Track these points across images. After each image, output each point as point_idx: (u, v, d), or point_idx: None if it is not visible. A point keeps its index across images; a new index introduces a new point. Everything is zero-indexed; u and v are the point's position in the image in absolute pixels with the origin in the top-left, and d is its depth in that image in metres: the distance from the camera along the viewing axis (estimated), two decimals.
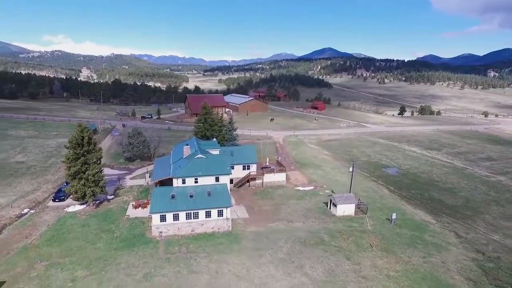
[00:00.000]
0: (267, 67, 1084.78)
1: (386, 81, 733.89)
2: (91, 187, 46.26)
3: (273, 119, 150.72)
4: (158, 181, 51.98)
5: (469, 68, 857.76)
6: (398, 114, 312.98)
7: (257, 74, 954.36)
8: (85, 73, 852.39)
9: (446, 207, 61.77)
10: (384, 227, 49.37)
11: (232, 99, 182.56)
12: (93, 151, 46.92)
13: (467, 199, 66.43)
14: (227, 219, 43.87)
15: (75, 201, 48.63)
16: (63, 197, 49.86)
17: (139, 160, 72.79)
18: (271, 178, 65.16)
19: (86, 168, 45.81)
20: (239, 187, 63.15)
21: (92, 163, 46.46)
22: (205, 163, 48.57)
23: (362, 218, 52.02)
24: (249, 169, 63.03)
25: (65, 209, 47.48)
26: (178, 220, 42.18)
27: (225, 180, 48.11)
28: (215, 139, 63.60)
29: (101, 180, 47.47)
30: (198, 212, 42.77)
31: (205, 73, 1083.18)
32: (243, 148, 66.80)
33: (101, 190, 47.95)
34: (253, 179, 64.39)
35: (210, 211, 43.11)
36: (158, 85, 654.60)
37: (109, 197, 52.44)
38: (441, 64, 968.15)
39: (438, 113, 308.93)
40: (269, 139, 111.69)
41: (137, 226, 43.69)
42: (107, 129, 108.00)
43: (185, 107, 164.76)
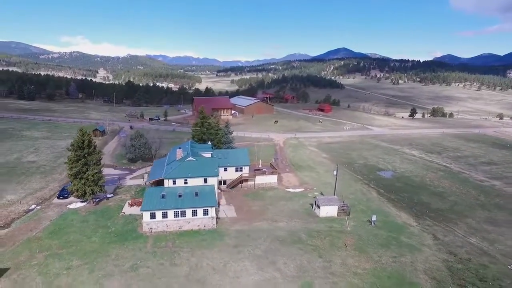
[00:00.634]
0: (280, 68, 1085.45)
1: (400, 82, 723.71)
2: (91, 186, 50.76)
3: (277, 121, 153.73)
4: (154, 181, 56.14)
5: (488, 68, 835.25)
6: (409, 116, 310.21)
7: (270, 74, 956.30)
8: (101, 74, 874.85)
9: (431, 210, 63.58)
10: (363, 228, 51.94)
11: (238, 101, 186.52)
12: (93, 153, 51.42)
13: (455, 203, 67.94)
14: (212, 217, 47.48)
15: (77, 198, 53.25)
16: (67, 195, 54.61)
17: (141, 161, 77.35)
18: (263, 180, 68.47)
19: (86, 168, 50.33)
20: (231, 188, 66.75)
21: (92, 164, 50.94)
22: (195, 166, 52.37)
23: (344, 219, 54.71)
24: (241, 171, 66.57)
25: (68, 206, 52.19)
26: (166, 217, 46.08)
27: (213, 181, 51.76)
28: (210, 142, 67.44)
29: (100, 179, 51.92)
30: (185, 210, 46.56)
31: (218, 74, 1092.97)
32: (236, 151, 70.39)
33: (100, 189, 52.43)
34: (246, 180, 67.86)
35: (196, 210, 46.82)
36: (171, 85, 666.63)
37: (108, 196, 56.95)
38: (458, 64, 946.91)
39: (450, 115, 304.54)
40: (270, 141, 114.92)
41: (130, 222, 47.84)
42: (115, 130, 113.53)
43: (192, 109, 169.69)
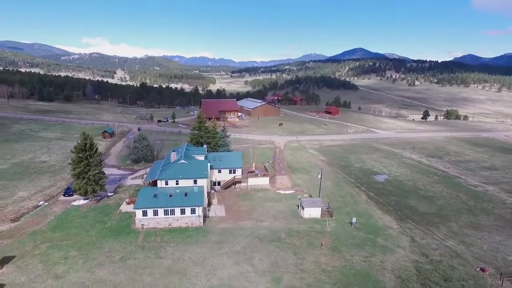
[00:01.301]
0: (294, 68, 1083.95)
1: (416, 83, 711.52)
2: (92, 185, 55.85)
3: (282, 124, 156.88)
4: (151, 181, 60.82)
5: (511, 68, 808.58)
6: (421, 118, 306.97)
7: (284, 75, 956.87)
8: (119, 74, 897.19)
9: (416, 214, 65.59)
10: (343, 230, 54.89)
11: (246, 104, 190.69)
12: (94, 155, 56.48)
13: (442, 207, 69.60)
14: (199, 216, 51.61)
15: (80, 196, 58.48)
16: (71, 193, 59.97)
17: (143, 162, 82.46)
18: (255, 181, 72.19)
19: (88, 169, 55.43)
20: (225, 188, 70.79)
21: (93, 165, 55.99)
22: (186, 168, 56.67)
23: (325, 219, 57.73)
24: (235, 173, 70.55)
25: (72, 203, 57.50)
26: (157, 215, 50.53)
27: (202, 182, 55.89)
28: (205, 145, 71.71)
29: (100, 179, 56.95)
30: (174, 209, 50.86)
31: (233, 75, 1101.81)
32: (230, 154, 74.42)
33: (100, 188, 57.45)
34: (239, 182, 71.77)
35: (184, 209, 51.06)
36: (186, 86, 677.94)
37: (109, 194, 62.04)
38: (479, 65, 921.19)
39: (464, 117, 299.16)
40: (271, 144, 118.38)
41: (125, 219, 52.56)
42: (124, 132, 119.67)
43: (201, 111, 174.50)
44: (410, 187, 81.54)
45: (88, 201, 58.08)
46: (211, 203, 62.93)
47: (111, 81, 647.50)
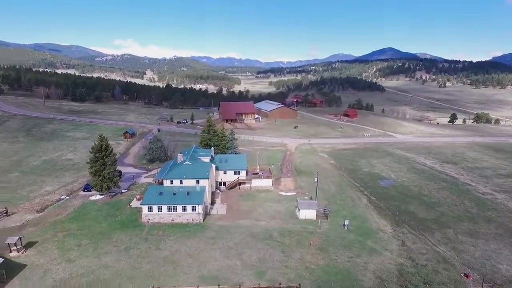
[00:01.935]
0: (320, 69, 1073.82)
1: (448, 84, 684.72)
2: (107, 182, 62.13)
3: (297, 127, 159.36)
4: (160, 180, 66.34)
5: None
6: (448, 121, 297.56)
7: (309, 76, 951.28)
8: (148, 75, 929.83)
9: (414, 219, 66.70)
10: (334, 231, 57.55)
11: (263, 106, 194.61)
12: (109, 156, 62.70)
13: (442, 213, 70.10)
14: (199, 213, 56.28)
15: (97, 192, 65.02)
16: (90, 189, 66.70)
17: (158, 162, 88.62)
18: (258, 183, 76.06)
19: (103, 168, 61.73)
20: (230, 189, 75.24)
21: (108, 164, 62.23)
22: (190, 169, 61.59)
23: (321, 222, 60.57)
24: (239, 174, 74.86)
25: (89, 198, 64.14)
26: (161, 211, 55.70)
27: (204, 183, 60.51)
28: (212, 148, 76.52)
29: (114, 177, 63.14)
30: (177, 206, 55.83)
31: (258, 75, 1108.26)
32: (235, 156, 78.77)
33: (114, 185, 63.69)
34: (243, 183, 75.95)
35: (186, 206, 55.90)
36: (211, 86, 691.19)
37: (123, 191, 68.29)
38: None
39: (496, 121, 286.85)
40: (283, 147, 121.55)
41: (134, 214, 58.21)
42: (144, 132, 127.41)
43: (219, 113, 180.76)
44: (414, 192, 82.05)
45: (103, 196, 64.51)
46: (214, 202, 67.63)
47: (140, 81, 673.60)
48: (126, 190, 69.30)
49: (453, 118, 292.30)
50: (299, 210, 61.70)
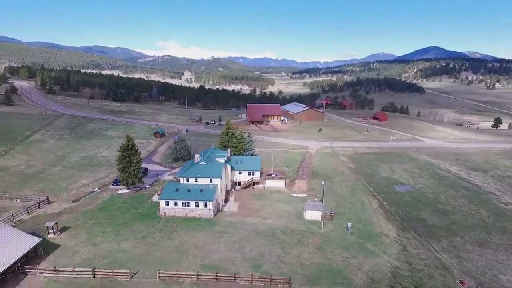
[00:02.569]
0: (357, 69, 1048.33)
1: (497, 85, 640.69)
2: (132, 178, 69.55)
3: (321, 129, 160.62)
4: (179, 178, 72.66)
5: None
6: (491, 126, 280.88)
7: (345, 76, 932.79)
8: (186, 76, 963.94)
9: (423, 225, 67.08)
10: (336, 233, 60.10)
11: (290, 108, 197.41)
12: (135, 154, 70.07)
13: (455, 221, 69.56)
14: (210, 209, 61.57)
15: (124, 186, 72.80)
16: (118, 183, 74.70)
17: (182, 161, 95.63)
18: (271, 183, 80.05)
19: (129, 165, 69.18)
20: (244, 188, 79.99)
21: (133, 162, 69.61)
22: (204, 169, 67.14)
23: (325, 223, 63.38)
24: (253, 175, 79.41)
25: (117, 191, 72.04)
26: (177, 206, 61.69)
27: (216, 182, 65.72)
28: (229, 149, 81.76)
29: (139, 174, 70.44)
30: (190, 202, 61.53)
31: (293, 76, 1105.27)
32: (251, 157, 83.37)
33: (138, 180, 71.01)
34: (257, 183, 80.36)
35: (198, 202, 61.44)
36: (245, 87, 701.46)
37: (147, 186, 75.60)
38: None
39: None
40: (304, 149, 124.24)
41: (154, 207, 64.84)
42: (173, 133, 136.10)
43: (246, 115, 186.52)
44: (429, 199, 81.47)
45: (129, 190, 72.13)
46: (228, 200, 72.80)
47: (178, 82, 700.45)
48: (149, 185, 76.58)
49: (497, 122, 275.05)
50: (305, 211, 64.91)
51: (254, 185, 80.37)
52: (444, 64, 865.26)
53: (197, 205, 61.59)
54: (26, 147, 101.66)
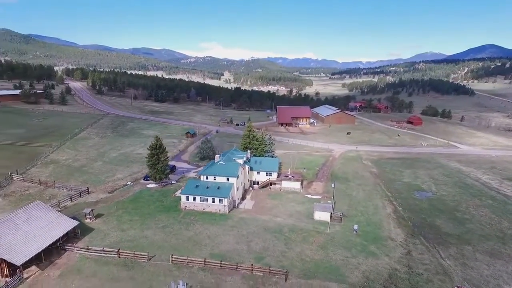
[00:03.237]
0: (401, 70, 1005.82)
1: None
2: (159, 174, 77.46)
3: (350, 133, 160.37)
4: (200, 175, 79.39)
5: None
6: None
7: (387, 77, 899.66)
8: (225, 77, 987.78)
9: (435, 233, 67.16)
10: (342, 234, 62.85)
11: (321, 111, 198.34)
12: (162, 153, 77.88)
13: (470, 230, 68.75)
14: (224, 205, 67.31)
15: (153, 181, 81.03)
16: (148, 178, 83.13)
17: (207, 160, 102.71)
18: (288, 184, 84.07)
19: (157, 162, 77.13)
20: (262, 188, 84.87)
21: (161, 160, 77.47)
22: (222, 168, 73.05)
23: (333, 224, 66.34)
24: (271, 175, 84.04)
25: (147, 185, 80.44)
26: (195, 201, 68.21)
27: (232, 180, 71.29)
28: (248, 150, 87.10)
29: (165, 170, 78.20)
30: (207, 198, 67.72)
31: (332, 77, 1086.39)
32: (269, 159, 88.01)
33: (165, 176, 78.78)
34: (274, 183, 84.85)
35: (215, 199, 67.47)
36: (282, 88, 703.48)
37: (173, 182, 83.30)
38: None
39: None
40: (328, 152, 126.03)
41: (176, 201, 71.98)
42: (204, 133, 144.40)
43: (276, 117, 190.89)
44: (448, 207, 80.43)
45: (157, 185, 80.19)
46: (245, 198, 78.17)
47: (217, 83, 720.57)
48: (175, 181, 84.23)
49: None
50: (315, 211, 68.30)
51: (271, 185, 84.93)
52: (499, 64, 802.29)
53: (213, 201, 67.63)
54: (74, 143, 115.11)
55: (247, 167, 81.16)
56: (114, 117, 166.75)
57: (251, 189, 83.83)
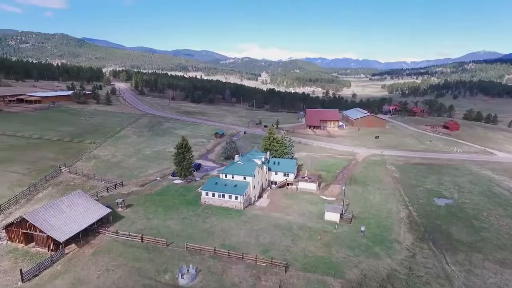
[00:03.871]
0: (448, 70, 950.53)
1: None
2: (184, 171, 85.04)
3: (378, 137, 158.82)
4: (220, 174, 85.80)
5: None
6: None
7: (432, 78, 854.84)
8: (262, 77, 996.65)
9: (447, 239, 67.19)
10: (349, 234, 65.64)
11: (351, 113, 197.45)
12: (188, 152, 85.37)
13: (484, 239, 67.94)
14: (240, 202, 72.93)
15: (179, 177, 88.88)
16: (175, 175, 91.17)
17: (231, 159, 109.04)
18: (304, 185, 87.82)
19: (183, 160, 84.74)
20: (279, 187, 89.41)
21: (186, 158, 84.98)
22: (240, 167, 78.76)
23: (342, 224, 69.29)
24: (288, 176, 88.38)
25: (173, 181, 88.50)
26: (214, 196, 74.61)
27: (249, 179, 76.72)
28: (268, 152, 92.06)
29: (190, 168, 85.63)
30: (225, 194, 73.80)
31: (372, 78, 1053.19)
32: (287, 160, 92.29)
33: (190, 173, 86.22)
34: (291, 184, 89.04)
35: (231, 195, 73.36)
36: (319, 89, 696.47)
37: (197, 179, 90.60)
38: None
39: None
40: (351, 156, 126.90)
41: (198, 196, 78.89)
42: (233, 134, 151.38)
43: (305, 119, 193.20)
44: (468, 215, 79.35)
45: (182, 181, 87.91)
46: (262, 196, 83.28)
47: (254, 84, 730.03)
48: (199, 178, 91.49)
49: None
50: (325, 212, 71.67)
51: (288, 186, 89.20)
52: None
53: (230, 197, 73.56)
54: (114, 140, 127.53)
55: (265, 167, 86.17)
56: (151, 117, 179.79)
57: (268, 188, 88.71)
